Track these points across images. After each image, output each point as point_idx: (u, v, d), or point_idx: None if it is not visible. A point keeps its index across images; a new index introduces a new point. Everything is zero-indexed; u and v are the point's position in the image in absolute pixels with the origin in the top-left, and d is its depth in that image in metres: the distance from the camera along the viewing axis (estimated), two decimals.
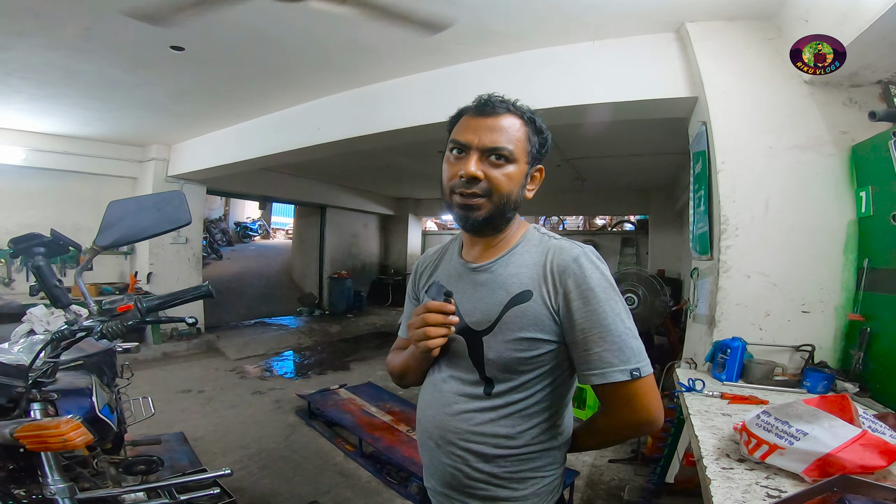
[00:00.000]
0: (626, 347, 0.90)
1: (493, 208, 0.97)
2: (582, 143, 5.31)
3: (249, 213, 15.43)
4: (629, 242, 9.56)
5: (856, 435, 0.98)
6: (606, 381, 0.90)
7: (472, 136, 0.96)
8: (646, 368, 0.91)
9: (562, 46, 2.92)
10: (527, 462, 0.98)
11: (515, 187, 0.98)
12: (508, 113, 0.98)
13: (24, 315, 2.28)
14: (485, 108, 0.98)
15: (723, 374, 1.98)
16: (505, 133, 0.96)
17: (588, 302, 0.91)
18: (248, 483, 2.96)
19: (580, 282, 0.92)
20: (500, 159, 0.96)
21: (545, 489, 1.01)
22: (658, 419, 0.95)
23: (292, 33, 2.91)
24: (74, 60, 3.34)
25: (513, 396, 0.97)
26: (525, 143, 0.98)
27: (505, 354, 0.95)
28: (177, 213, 1.42)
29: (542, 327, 0.94)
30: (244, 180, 7.20)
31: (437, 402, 1.05)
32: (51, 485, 1.26)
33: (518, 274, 0.98)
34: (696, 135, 2.57)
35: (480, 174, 0.95)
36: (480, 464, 0.98)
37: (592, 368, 0.91)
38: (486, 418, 0.97)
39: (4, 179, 5.48)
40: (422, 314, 0.97)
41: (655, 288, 4.11)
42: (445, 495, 1.04)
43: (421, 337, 0.96)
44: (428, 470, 1.09)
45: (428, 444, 1.06)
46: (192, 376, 5.30)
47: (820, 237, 2.11)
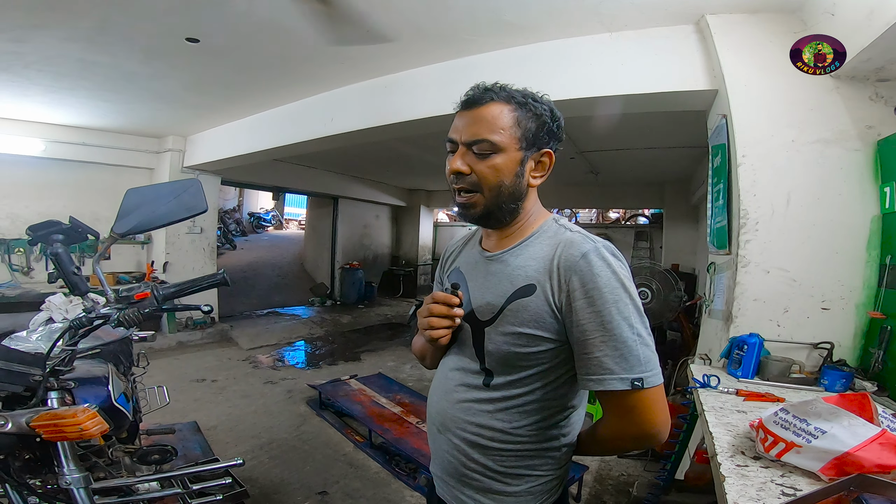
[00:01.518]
0: (631, 355, 0.84)
1: (486, 202, 0.96)
2: (596, 136, 5.24)
3: (263, 203, 15.57)
4: (643, 236, 9.48)
5: (875, 434, 0.95)
6: (603, 388, 0.86)
7: (457, 133, 0.96)
8: (651, 380, 0.85)
9: (578, 38, 2.87)
10: (522, 459, 0.96)
11: (506, 177, 0.94)
12: (493, 101, 0.94)
13: (43, 303, 2.31)
14: (469, 101, 0.96)
15: (738, 371, 1.95)
16: (486, 124, 0.93)
17: (593, 302, 0.85)
18: (258, 473, 3.00)
19: (586, 280, 0.86)
20: (486, 149, 0.93)
21: (540, 488, 0.98)
22: (662, 434, 0.90)
23: (306, 24, 2.90)
24: (91, 53, 3.37)
25: (510, 391, 0.95)
26: (514, 129, 0.94)
27: (502, 348, 0.94)
28: (193, 201, 1.43)
29: (542, 324, 0.90)
30: (258, 171, 7.25)
31: (442, 389, 1.06)
32: (66, 474, 1.27)
33: (525, 266, 0.95)
34: (715, 128, 2.52)
35: (465, 168, 0.94)
36: (476, 454, 0.97)
37: (590, 373, 0.87)
38: (484, 409, 0.97)
39: (24, 170, 5.57)
40: (429, 304, 0.98)
41: (669, 282, 4.08)
42: (445, 482, 1.06)
43: (426, 326, 0.97)
44: (434, 455, 1.10)
45: (431, 429, 1.08)
46: (205, 365, 5.38)
47: (842, 233, 2.06)
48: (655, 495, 2.40)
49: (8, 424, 1.13)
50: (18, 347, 1.35)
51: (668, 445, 2.32)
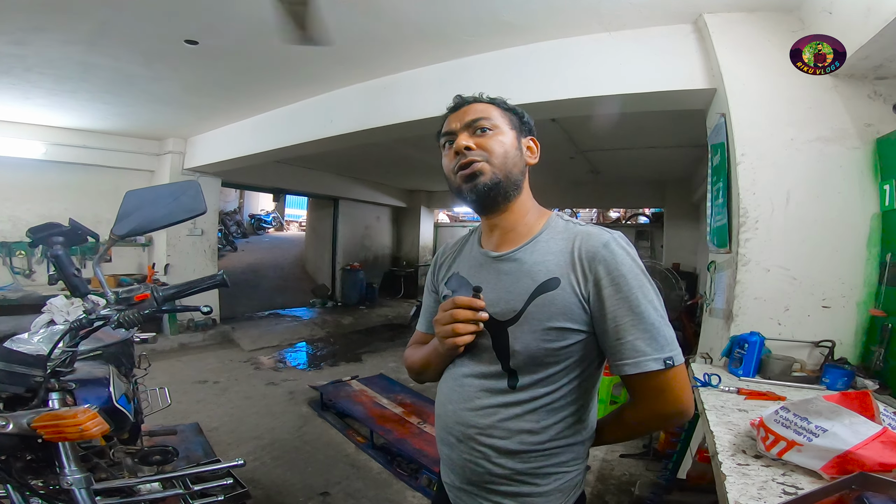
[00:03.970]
0: (660, 335, 0.88)
1: (495, 171, 0.99)
2: (596, 136, 5.25)
3: (263, 205, 15.54)
4: (644, 235, 9.46)
5: (876, 432, 0.95)
6: (640, 370, 0.88)
7: (455, 124, 1.04)
8: (679, 357, 0.89)
9: (577, 38, 2.88)
10: (550, 457, 0.96)
11: (511, 150, 1.02)
12: (478, 102, 1.06)
13: (45, 306, 2.32)
14: (458, 103, 1.07)
15: (739, 370, 1.95)
16: (481, 111, 1.03)
17: (620, 289, 0.89)
18: (260, 474, 3.00)
19: (611, 268, 0.90)
20: (486, 126, 1.01)
21: (567, 484, 0.99)
22: (689, 409, 0.94)
23: None
24: (92, 55, 3.38)
25: (538, 390, 0.94)
26: (504, 116, 1.05)
27: (532, 345, 0.93)
28: (192, 203, 1.43)
29: (572, 316, 0.91)
30: (258, 173, 7.27)
31: (458, 397, 1.02)
32: (67, 475, 1.27)
33: (544, 261, 0.96)
34: (714, 126, 2.52)
35: (472, 144, 1.00)
36: (503, 459, 0.96)
37: (625, 358, 0.89)
38: (511, 413, 0.95)
39: (25, 173, 5.58)
40: (450, 310, 0.95)
41: (670, 281, 4.07)
42: (465, 490, 1.02)
43: (449, 333, 0.94)
44: (448, 465, 1.07)
45: (449, 439, 1.03)
46: (207, 367, 5.38)
47: (842, 231, 2.06)
48: (658, 494, 2.40)
49: (9, 425, 1.13)
50: (20, 349, 1.36)
51: (670, 444, 2.32)
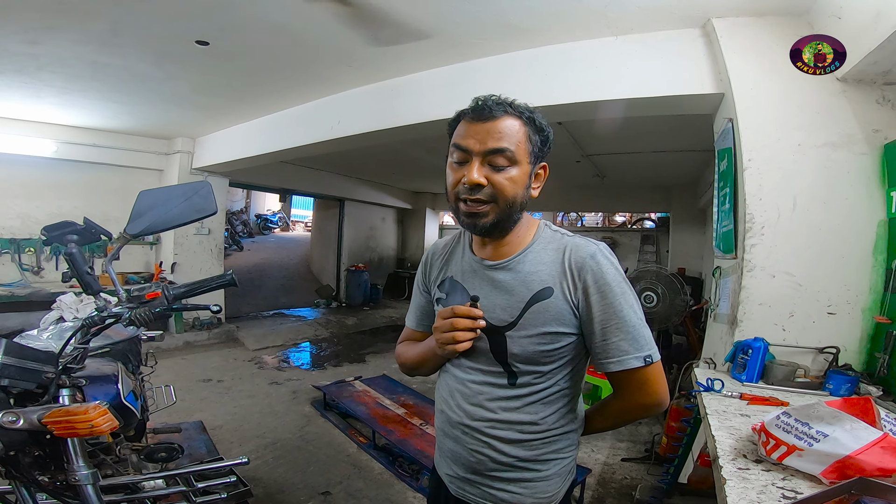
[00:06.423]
0: (640, 336, 0.98)
1: (499, 213, 0.99)
2: (602, 140, 5.25)
3: (270, 205, 15.61)
4: (649, 240, 9.42)
5: (877, 437, 0.96)
6: (624, 367, 0.98)
7: (473, 142, 0.97)
8: (656, 354, 1.00)
9: (584, 41, 2.88)
10: (549, 444, 1.06)
11: (520, 189, 1.00)
12: (506, 115, 0.97)
13: (54, 302, 2.34)
14: (482, 113, 0.97)
15: (743, 375, 1.95)
16: (505, 136, 0.96)
17: (605, 296, 0.98)
18: (263, 472, 3.02)
19: (598, 277, 0.98)
20: (503, 162, 0.96)
21: (564, 469, 1.10)
22: (665, 399, 1.04)
23: (314, 28, 2.94)
24: (103, 55, 3.42)
25: (536, 386, 1.03)
26: (526, 144, 0.99)
27: (529, 349, 1.01)
28: (203, 203, 1.45)
29: (564, 321, 1.00)
30: (265, 173, 7.30)
31: (460, 394, 1.10)
32: (76, 471, 1.28)
33: (537, 271, 1.02)
34: (721, 131, 2.52)
35: (483, 181, 0.96)
36: (507, 447, 1.05)
37: (610, 357, 0.99)
38: (511, 406, 1.04)
39: (36, 171, 5.64)
40: (449, 318, 1.01)
41: (675, 286, 4.05)
42: (469, 480, 1.10)
43: (449, 341, 1.01)
44: (450, 458, 1.14)
45: (452, 433, 1.11)
46: (212, 365, 5.42)
47: (849, 237, 2.06)
48: (658, 499, 2.40)
49: (20, 421, 1.14)
50: (31, 345, 1.37)
51: (672, 449, 2.32)
